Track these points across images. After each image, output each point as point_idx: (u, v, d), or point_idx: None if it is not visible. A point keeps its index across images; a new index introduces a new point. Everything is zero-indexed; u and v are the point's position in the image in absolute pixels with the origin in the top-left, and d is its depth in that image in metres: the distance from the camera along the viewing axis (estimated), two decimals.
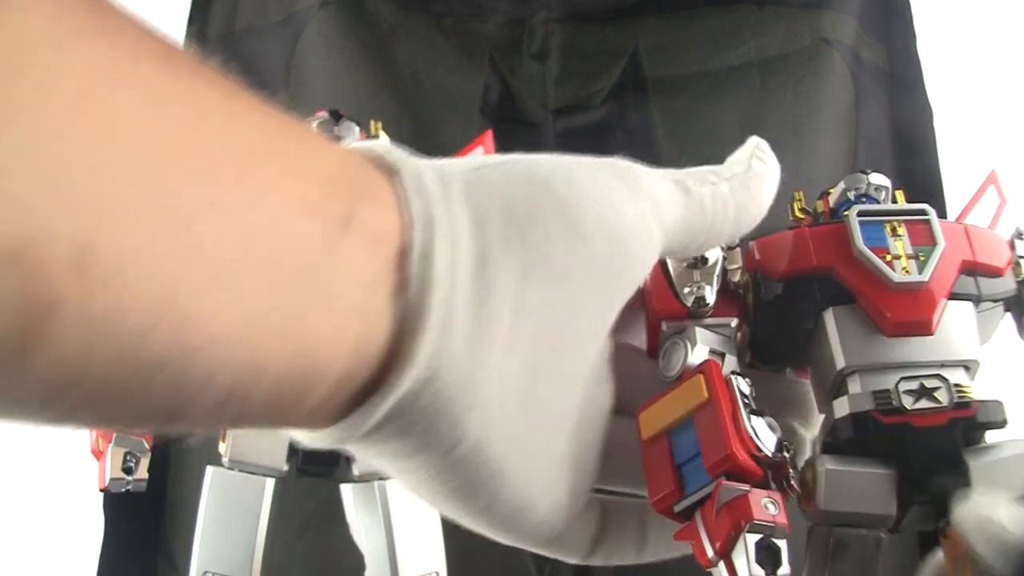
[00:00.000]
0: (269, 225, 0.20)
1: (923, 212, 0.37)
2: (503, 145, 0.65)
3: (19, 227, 0.16)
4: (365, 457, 0.26)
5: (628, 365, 0.33)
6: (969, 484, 0.31)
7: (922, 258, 0.35)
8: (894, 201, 0.41)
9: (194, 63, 0.21)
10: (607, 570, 0.76)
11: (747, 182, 0.31)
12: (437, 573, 0.49)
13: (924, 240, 0.36)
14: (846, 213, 0.38)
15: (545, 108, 0.82)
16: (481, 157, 0.27)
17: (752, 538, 0.30)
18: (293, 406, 0.22)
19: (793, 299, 0.36)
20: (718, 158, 0.34)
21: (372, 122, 0.59)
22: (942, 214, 0.37)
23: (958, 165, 0.76)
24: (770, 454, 0.32)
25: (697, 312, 0.36)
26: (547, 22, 0.83)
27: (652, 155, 0.80)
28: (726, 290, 0.37)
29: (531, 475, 0.27)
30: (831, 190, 0.41)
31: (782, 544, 0.31)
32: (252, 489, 0.48)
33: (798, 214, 0.43)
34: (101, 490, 0.60)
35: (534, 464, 0.27)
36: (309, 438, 0.25)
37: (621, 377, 0.33)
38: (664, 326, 0.36)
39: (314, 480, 0.53)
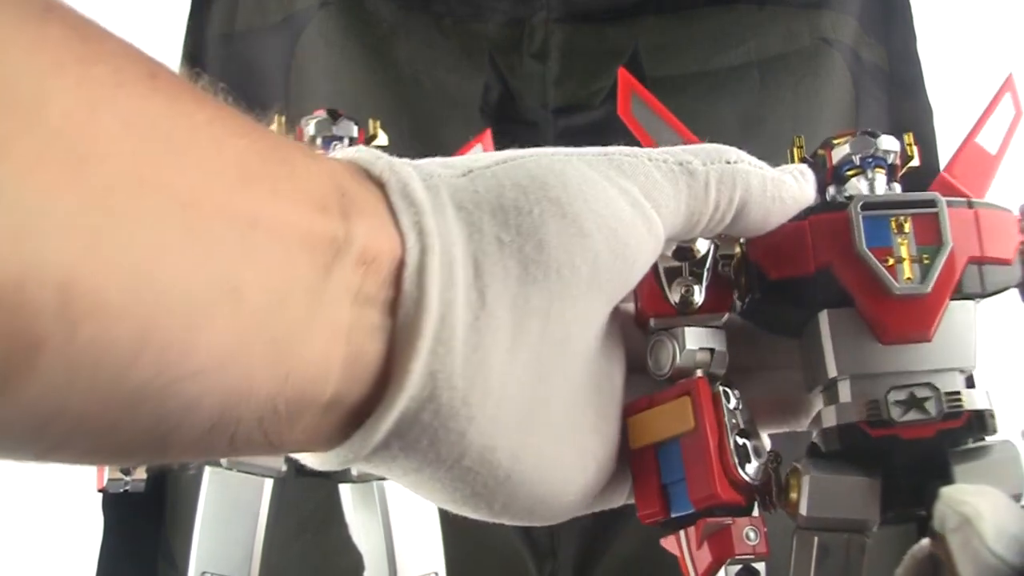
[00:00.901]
0: (254, 255, 0.20)
1: (932, 204, 0.35)
2: (503, 145, 0.65)
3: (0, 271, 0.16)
4: (376, 472, 0.26)
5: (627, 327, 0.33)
6: None
7: (926, 260, 0.34)
8: (905, 153, 0.39)
9: (181, 84, 0.20)
10: (608, 570, 0.76)
11: (766, 178, 0.30)
12: (436, 573, 0.49)
13: (930, 238, 0.34)
14: (850, 172, 0.37)
15: (545, 108, 0.82)
16: (472, 158, 0.27)
17: (733, 568, 0.32)
18: (287, 430, 0.22)
19: (788, 301, 0.35)
20: None
21: (371, 121, 0.59)
22: None
23: None
24: (754, 482, 0.33)
25: (685, 310, 0.35)
26: (547, 22, 0.83)
27: None
28: (717, 280, 0.36)
29: (546, 469, 0.27)
30: (835, 141, 0.39)
31: (760, 566, 0.33)
32: (251, 489, 0.48)
33: (798, 162, 0.40)
34: (99, 490, 0.60)
35: (548, 458, 0.27)
36: (315, 460, 0.25)
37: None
38: (652, 321, 0.35)
39: (312, 480, 0.53)
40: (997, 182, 0.40)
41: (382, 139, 0.58)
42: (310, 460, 0.25)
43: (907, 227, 0.34)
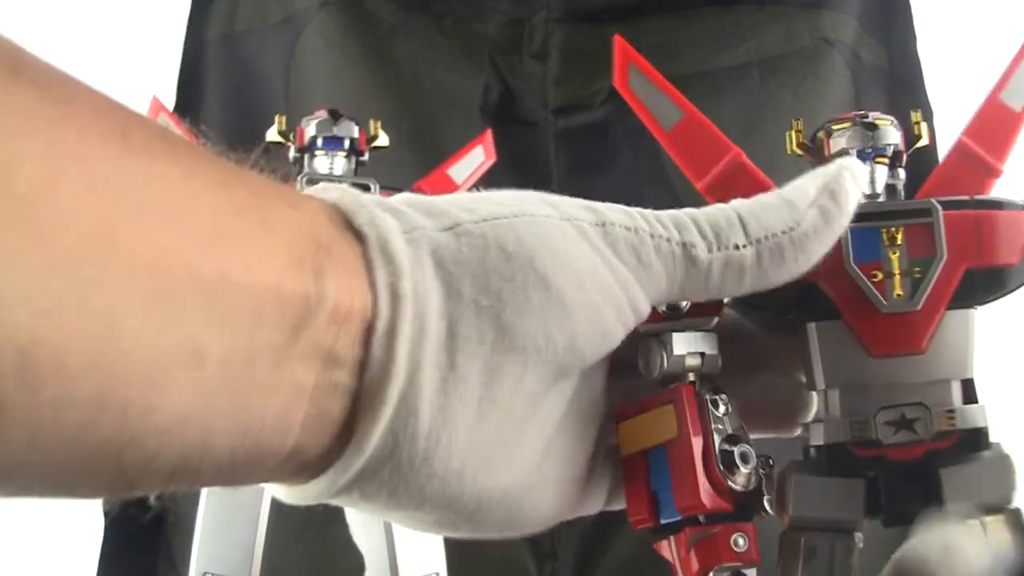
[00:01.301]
0: (219, 316, 0.20)
1: (927, 213, 0.33)
2: (503, 145, 0.65)
3: None
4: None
5: None
6: (942, 502, 0.30)
7: (918, 274, 0.33)
8: (911, 134, 0.37)
9: (155, 138, 0.20)
10: (608, 570, 0.76)
11: (783, 250, 0.28)
12: (437, 574, 0.49)
13: (924, 250, 0.33)
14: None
15: (545, 108, 0.82)
16: (461, 205, 0.26)
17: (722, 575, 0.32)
18: (245, 474, 0.22)
19: (775, 309, 0.34)
20: None
21: (371, 121, 0.58)
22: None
23: None
24: (742, 488, 0.32)
25: (673, 316, 0.33)
26: (547, 22, 0.83)
27: (652, 155, 0.81)
28: None
29: (513, 504, 0.27)
30: (835, 127, 0.37)
31: (751, 573, 0.32)
32: (251, 489, 0.48)
33: (796, 149, 0.39)
34: None
35: (515, 495, 0.27)
36: (279, 491, 0.25)
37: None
38: (639, 327, 0.35)
39: None
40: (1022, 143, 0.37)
41: (383, 139, 0.58)
42: (274, 490, 0.26)
43: (899, 238, 0.33)
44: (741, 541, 0.32)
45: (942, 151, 0.38)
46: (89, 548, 0.75)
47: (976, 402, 0.33)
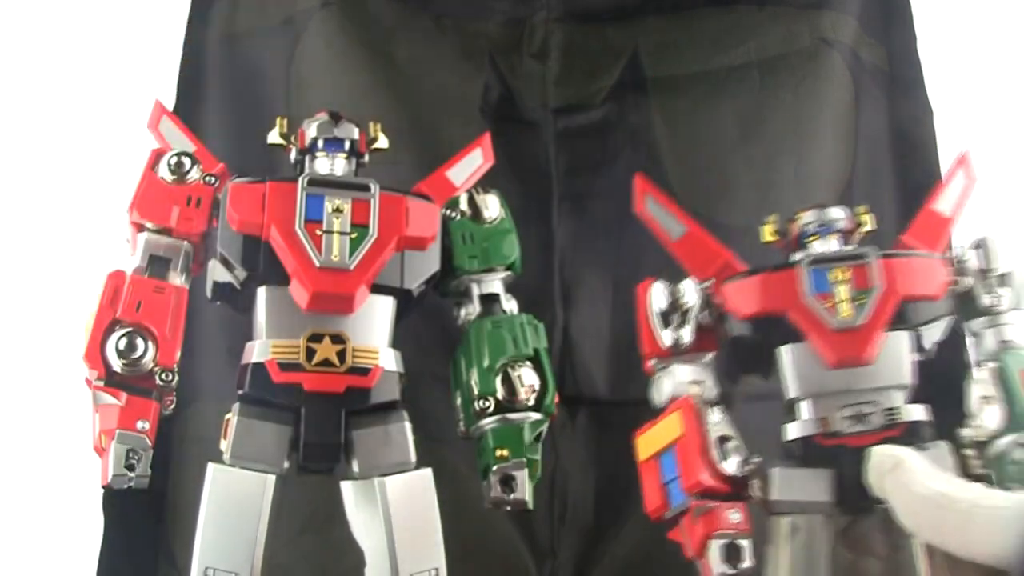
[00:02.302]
0: None
1: (864, 256, 0.46)
2: (503, 145, 0.65)
3: None
4: None
5: None
6: None
7: (861, 300, 0.44)
8: (858, 223, 0.50)
9: None
10: (608, 570, 0.76)
11: None
12: (437, 571, 0.49)
13: (865, 283, 0.45)
14: (810, 239, 0.50)
15: (545, 108, 0.82)
16: None
17: (719, 542, 0.43)
18: None
19: (754, 337, 0.46)
20: (718, 158, 0.34)
21: (371, 123, 0.59)
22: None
23: None
24: (733, 473, 0.44)
25: (677, 351, 0.47)
26: (547, 21, 0.83)
27: (652, 155, 0.81)
28: (703, 328, 0.48)
29: None
30: (798, 215, 0.51)
31: (744, 543, 0.44)
32: (253, 486, 0.48)
33: (769, 237, 0.52)
34: (103, 487, 0.60)
35: None
36: None
37: None
38: (652, 361, 0.48)
39: (314, 477, 0.53)
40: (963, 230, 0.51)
41: (382, 142, 0.58)
42: None
43: (846, 276, 0.45)
44: (735, 516, 0.43)
45: (943, 151, 0.44)
46: (89, 546, 0.76)
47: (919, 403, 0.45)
